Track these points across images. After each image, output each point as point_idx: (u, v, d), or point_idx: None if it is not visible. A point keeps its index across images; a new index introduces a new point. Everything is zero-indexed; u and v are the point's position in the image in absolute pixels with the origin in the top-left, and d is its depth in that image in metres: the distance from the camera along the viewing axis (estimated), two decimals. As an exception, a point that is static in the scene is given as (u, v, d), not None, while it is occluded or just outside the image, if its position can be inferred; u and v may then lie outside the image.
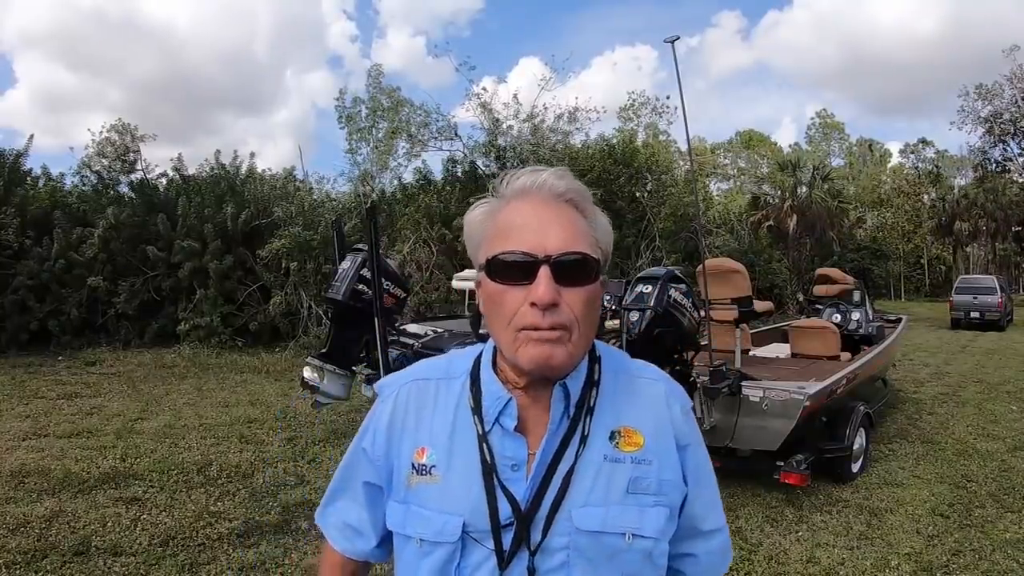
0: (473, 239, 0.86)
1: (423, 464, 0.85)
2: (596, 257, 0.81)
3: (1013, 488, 4.54)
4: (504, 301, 0.79)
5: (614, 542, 0.82)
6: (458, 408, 0.87)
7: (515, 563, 0.81)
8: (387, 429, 0.90)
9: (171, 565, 3.31)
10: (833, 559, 3.47)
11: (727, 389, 4.25)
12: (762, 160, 36.13)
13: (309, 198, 14.18)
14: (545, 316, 0.77)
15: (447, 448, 0.85)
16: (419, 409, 0.89)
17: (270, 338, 11.64)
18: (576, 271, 0.78)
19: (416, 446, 0.86)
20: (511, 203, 0.83)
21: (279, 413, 6.74)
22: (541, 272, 0.76)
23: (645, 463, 0.85)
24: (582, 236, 0.81)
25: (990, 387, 8.44)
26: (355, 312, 5.81)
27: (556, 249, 0.77)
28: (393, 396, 0.91)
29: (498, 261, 0.79)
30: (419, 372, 0.93)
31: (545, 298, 0.76)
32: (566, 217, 0.81)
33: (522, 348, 0.78)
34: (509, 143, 16.21)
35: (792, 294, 19.32)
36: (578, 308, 0.79)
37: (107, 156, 13.29)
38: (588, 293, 0.80)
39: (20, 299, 10.74)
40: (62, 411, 6.76)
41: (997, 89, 30.84)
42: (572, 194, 0.83)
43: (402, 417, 0.89)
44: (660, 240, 15.85)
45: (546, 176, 0.82)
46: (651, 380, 0.92)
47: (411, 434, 0.88)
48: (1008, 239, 33.08)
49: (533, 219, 0.79)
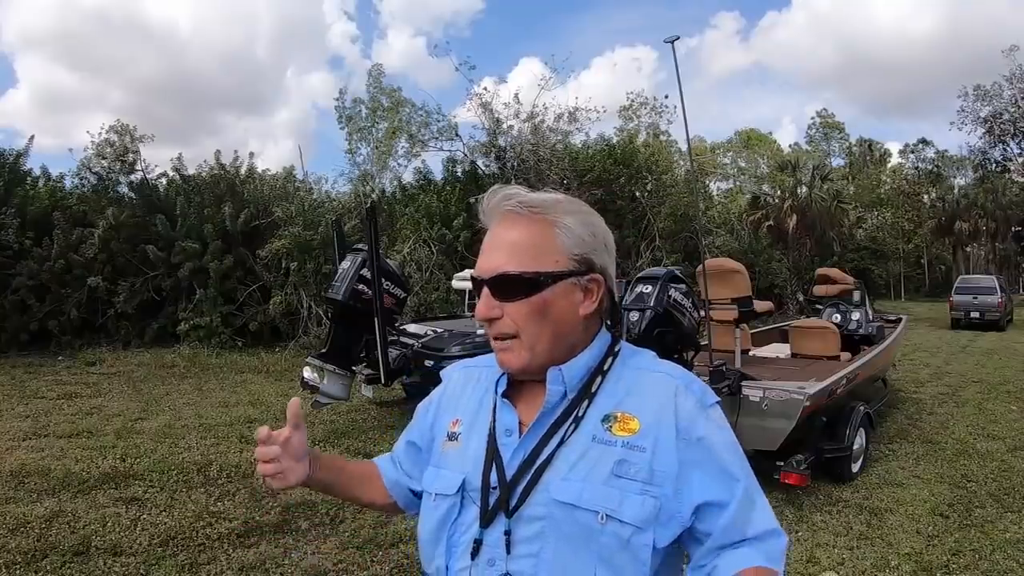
0: None
1: (453, 432, 0.99)
2: (535, 271, 0.87)
3: (1013, 488, 4.54)
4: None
5: (587, 520, 0.83)
6: (488, 388, 1.00)
7: (494, 526, 0.87)
8: (437, 405, 1.07)
9: (171, 565, 3.31)
10: (833, 559, 3.47)
11: (727, 389, 4.24)
12: (762, 160, 36.10)
13: (309, 198, 14.17)
14: (490, 327, 0.92)
15: (473, 419, 0.99)
16: (461, 390, 1.05)
17: (270, 338, 11.65)
18: (508, 288, 0.88)
19: (453, 418, 1.01)
20: (488, 223, 0.94)
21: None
22: (483, 291, 0.91)
23: (638, 449, 0.86)
24: (525, 252, 0.88)
25: (990, 387, 8.44)
26: (355, 312, 5.82)
27: (490, 271, 0.89)
28: (447, 378, 1.10)
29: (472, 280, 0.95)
30: (472, 361, 1.09)
31: (479, 314, 0.91)
32: (516, 236, 0.89)
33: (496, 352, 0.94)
34: (509, 143, 16.19)
35: (792, 294, 19.32)
36: (521, 318, 0.89)
37: (106, 157, 13.26)
38: (530, 304, 0.88)
39: (20, 299, 10.75)
40: (62, 411, 6.76)
41: (996, 90, 30.86)
42: (522, 208, 0.89)
43: (450, 396, 1.06)
44: (660, 240, 15.85)
45: (503, 194, 0.91)
46: (665, 375, 0.93)
47: (451, 409, 1.03)
48: (1008, 239, 33.08)
49: (488, 240, 0.92)
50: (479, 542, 0.87)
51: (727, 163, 35.64)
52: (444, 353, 5.85)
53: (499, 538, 0.86)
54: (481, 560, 0.87)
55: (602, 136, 18.24)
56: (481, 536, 0.87)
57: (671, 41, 4.52)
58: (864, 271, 26.93)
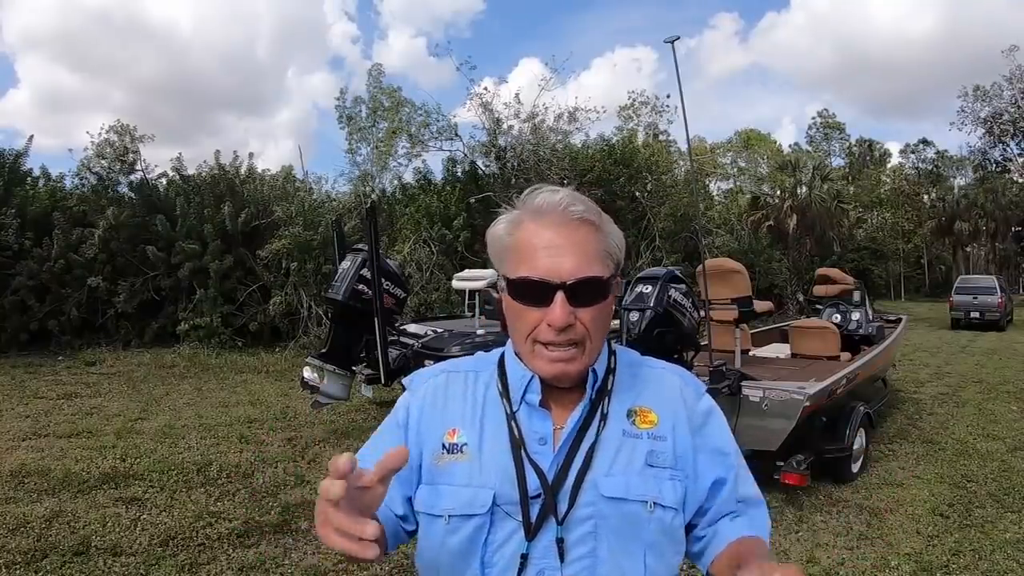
0: (496, 252, 0.93)
1: (454, 443, 0.91)
2: (607, 276, 0.88)
3: (1013, 488, 4.54)
4: (524, 318, 0.87)
5: (636, 510, 0.87)
6: (487, 393, 0.94)
7: (542, 534, 0.85)
8: (419, 418, 0.95)
9: (171, 565, 3.31)
10: (833, 559, 3.47)
11: (727, 389, 4.24)
12: (762, 160, 36.09)
13: (309, 198, 14.17)
14: (560, 335, 0.85)
15: (478, 429, 0.91)
16: (450, 397, 0.95)
17: (270, 338, 11.64)
18: (588, 293, 0.86)
19: (447, 428, 0.92)
20: (530, 223, 0.88)
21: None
22: (557, 297, 0.84)
23: (660, 439, 0.91)
24: (595, 257, 0.87)
25: (990, 387, 8.44)
26: (355, 312, 5.82)
27: (570, 275, 0.84)
28: (424, 387, 0.98)
29: (519, 283, 0.86)
30: (450, 366, 1.00)
31: (560, 321, 0.84)
32: (581, 239, 0.87)
33: (537, 361, 0.88)
34: (509, 143, 16.19)
35: (792, 294, 19.33)
36: (590, 324, 0.87)
37: (106, 157, 13.25)
38: (600, 310, 0.88)
39: (20, 299, 10.74)
40: (62, 411, 6.76)
41: (996, 90, 30.89)
42: (586, 214, 0.88)
43: (431, 404, 0.95)
44: (660, 240, 15.85)
45: (562, 197, 0.88)
46: (663, 370, 1.00)
47: (441, 419, 0.93)
48: (1008, 239, 33.08)
49: (550, 243, 0.86)
50: (525, 556, 0.84)
51: (727, 163, 35.63)
52: (444, 353, 5.85)
53: (549, 547, 0.84)
54: (529, 574, 0.84)
55: (602, 136, 18.25)
56: (527, 550, 0.84)
57: (671, 41, 4.53)
58: (864, 271, 26.92)
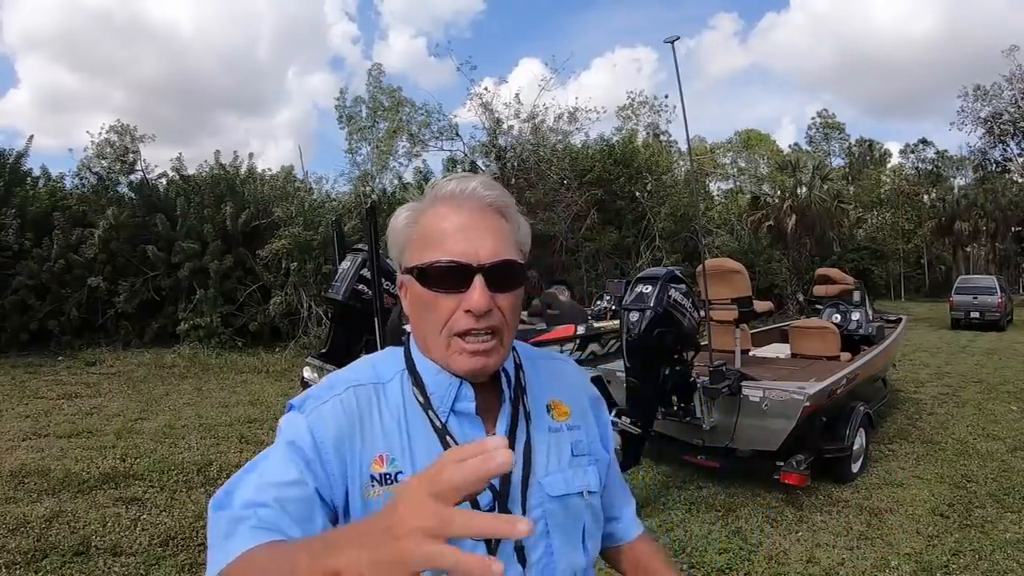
0: (398, 242, 0.86)
1: (385, 473, 0.79)
2: (522, 262, 0.84)
3: (1013, 488, 4.54)
4: (437, 307, 0.80)
5: (576, 502, 0.88)
6: (406, 408, 0.83)
7: (503, 546, 0.79)
8: (342, 435, 0.79)
9: (171, 565, 3.31)
10: (833, 559, 3.47)
11: (727, 389, 4.25)
12: (762, 160, 36.08)
13: (309, 198, 14.16)
14: (479, 321, 0.78)
15: (407, 452, 0.81)
16: (364, 417, 0.81)
17: (270, 338, 11.65)
18: (507, 277, 0.80)
19: (371, 456, 0.80)
20: (438, 208, 0.82)
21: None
22: (476, 280, 0.78)
23: (576, 428, 0.93)
24: (510, 243, 0.82)
25: (990, 387, 8.44)
26: (355, 312, 5.81)
27: (488, 257, 0.78)
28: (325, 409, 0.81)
29: (431, 268, 0.79)
30: (350, 379, 0.85)
31: (480, 305, 0.77)
32: (495, 224, 0.82)
33: (455, 357, 0.81)
34: (509, 143, 16.20)
35: (792, 294, 19.31)
36: (508, 312, 0.81)
37: (106, 157, 13.26)
38: (516, 297, 0.83)
39: (20, 299, 10.75)
40: (62, 411, 6.76)
41: (996, 90, 30.88)
42: (499, 201, 0.83)
43: (349, 425, 0.80)
44: (660, 240, 15.85)
45: (475, 184, 0.83)
46: (560, 360, 1.02)
47: (362, 445, 0.80)
48: (1008, 239, 33.08)
49: (464, 226, 0.80)
50: None
51: (727, 163, 35.60)
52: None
53: (510, 555, 0.80)
54: None
55: (602, 136, 18.27)
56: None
57: (671, 41, 4.53)
58: (864, 271, 26.89)
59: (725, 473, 4.61)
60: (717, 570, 3.35)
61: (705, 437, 4.43)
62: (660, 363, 4.21)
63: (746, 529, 3.86)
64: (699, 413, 4.33)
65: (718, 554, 3.50)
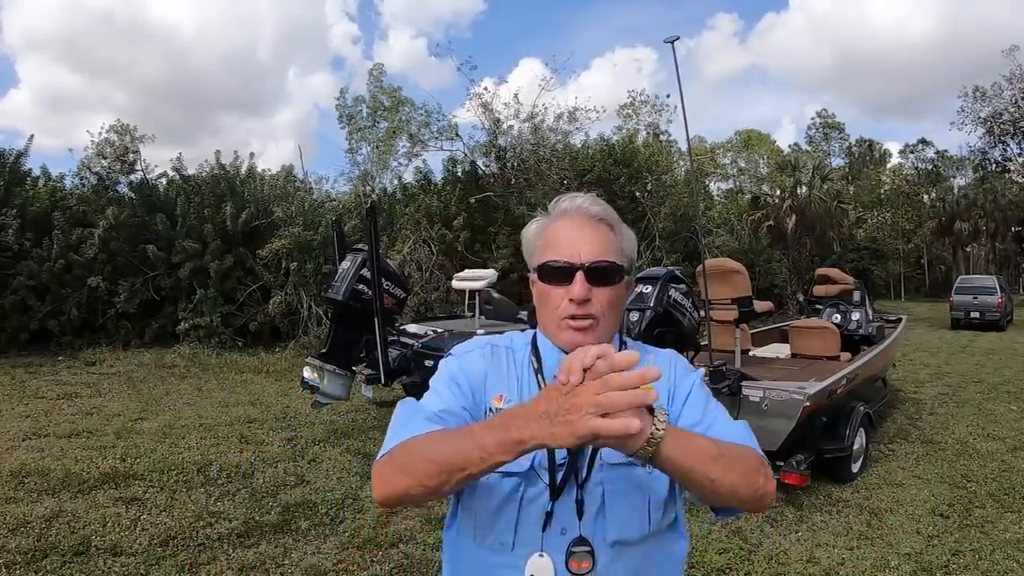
0: (528, 249, 1.12)
1: (500, 408, 1.03)
2: (621, 263, 1.05)
3: (1013, 488, 4.54)
4: (550, 297, 1.04)
5: (637, 472, 0.99)
6: (526, 370, 1.08)
7: (565, 495, 0.97)
8: (479, 375, 1.07)
9: (171, 565, 3.31)
10: (833, 559, 3.47)
11: (727, 389, 4.25)
12: (762, 160, 36.08)
13: (309, 198, 14.16)
14: (579, 307, 1.01)
15: (519, 397, 1.04)
16: (496, 367, 1.09)
17: (270, 338, 11.64)
18: (603, 275, 1.03)
19: (494, 393, 1.06)
20: (557, 221, 1.07)
21: (279, 412, 6.74)
22: (577, 276, 1.01)
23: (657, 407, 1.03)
24: (610, 247, 1.05)
25: (990, 387, 8.44)
26: (355, 312, 5.81)
27: (588, 258, 1.02)
28: (470, 356, 1.10)
29: (546, 267, 1.04)
30: (491, 340, 1.14)
31: (579, 294, 1.00)
32: (598, 233, 1.05)
33: (563, 333, 1.03)
34: (509, 143, 16.19)
35: (792, 294, 19.33)
36: (604, 303, 1.03)
37: (107, 157, 13.25)
38: (613, 292, 1.04)
39: (20, 299, 10.73)
40: (62, 411, 6.76)
41: (996, 90, 30.88)
42: (603, 215, 1.07)
43: (484, 370, 1.08)
44: (660, 240, 15.84)
45: (582, 201, 1.08)
46: (663, 353, 1.16)
47: (492, 384, 1.07)
48: (1008, 239, 33.08)
49: (572, 235, 1.04)
50: (550, 514, 0.97)
51: (727, 163, 35.60)
52: (444, 353, 5.84)
53: (570, 507, 0.97)
54: (553, 530, 0.97)
55: (602, 136, 18.25)
56: (552, 508, 0.97)
57: (671, 41, 4.52)
58: (864, 271, 26.88)
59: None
60: (717, 570, 3.35)
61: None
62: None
63: (746, 529, 3.85)
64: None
65: (718, 554, 3.50)
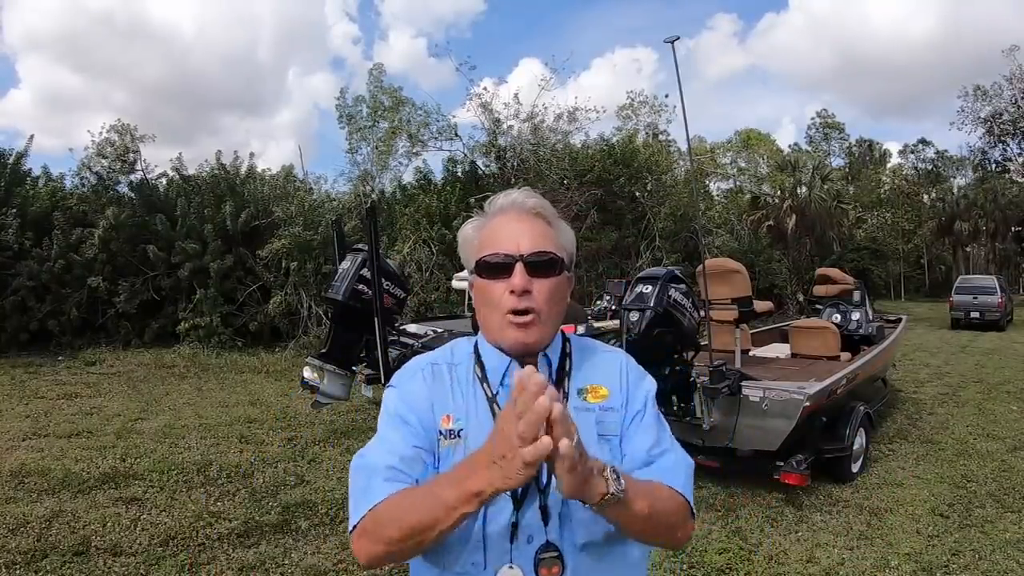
0: (466, 249, 1.09)
1: (450, 429, 1.01)
2: (560, 256, 1.04)
3: (1013, 488, 4.54)
4: (491, 292, 1.02)
5: None
6: (470, 382, 1.05)
7: (527, 504, 0.97)
8: (424, 403, 1.03)
9: (171, 565, 3.31)
10: (833, 559, 3.47)
11: (727, 389, 4.25)
12: (762, 160, 36.06)
13: (309, 198, 14.16)
14: (520, 300, 0.99)
15: (466, 414, 1.02)
16: (440, 388, 1.05)
17: (270, 338, 11.65)
18: (543, 266, 1.01)
19: (440, 415, 1.03)
20: (494, 219, 1.06)
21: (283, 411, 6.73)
22: (517, 267, 1.00)
23: (611, 410, 1.05)
24: (548, 240, 1.04)
25: (990, 387, 8.44)
26: (355, 312, 5.80)
27: (527, 249, 1.01)
28: (419, 377, 1.06)
29: (485, 262, 1.03)
30: (430, 358, 1.09)
31: (520, 285, 0.99)
32: (535, 226, 1.04)
33: (505, 331, 1.01)
34: (509, 143, 16.19)
35: (792, 294, 19.33)
36: (545, 295, 1.01)
37: (107, 157, 13.26)
38: (553, 284, 1.03)
39: (20, 299, 10.75)
40: (62, 411, 6.76)
41: (996, 90, 30.88)
42: (540, 208, 1.06)
43: (427, 395, 1.04)
44: (660, 240, 15.84)
45: (517, 195, 1.06)
46: (611, 353, 1.15)
47: (439, 406, 1.03)
48: (1008, 239, 33.07)
49: (510, 228, 1.03)
50: (515, 524, 0.96)
51: (727, 163, 35.58)
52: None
53: (534, 514, 0.96)
54: (520, 540, 0.96)
55: (602, 136, 18.24)
56: (516, 518, 0.96)
57: (671, 41, 4.53)
58: (864, 271, 26.84)
59: (725, 473, 4.61)
60: (717, 570, 3.35)
61: (705, 437, 4.42)
62: (660, 363, 4.21)
63: (746, 529, 3.86)
64: (699, 413, 4.32)
65: (718, 554, 3.50)
